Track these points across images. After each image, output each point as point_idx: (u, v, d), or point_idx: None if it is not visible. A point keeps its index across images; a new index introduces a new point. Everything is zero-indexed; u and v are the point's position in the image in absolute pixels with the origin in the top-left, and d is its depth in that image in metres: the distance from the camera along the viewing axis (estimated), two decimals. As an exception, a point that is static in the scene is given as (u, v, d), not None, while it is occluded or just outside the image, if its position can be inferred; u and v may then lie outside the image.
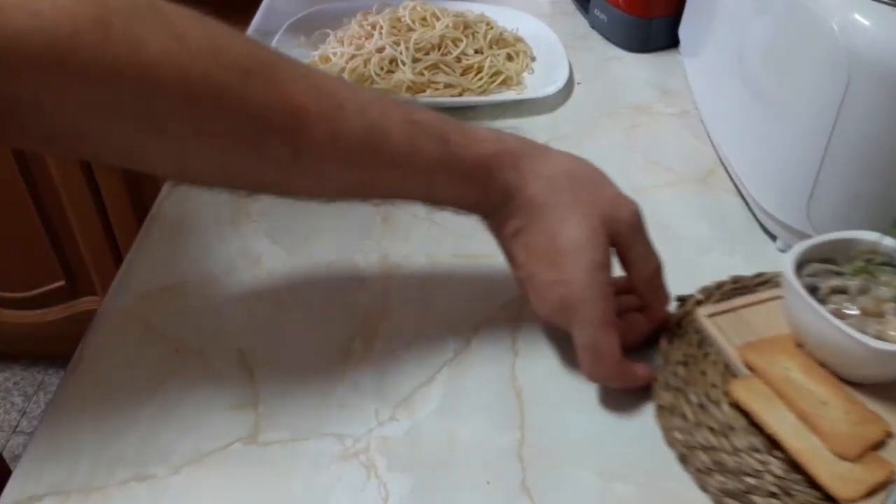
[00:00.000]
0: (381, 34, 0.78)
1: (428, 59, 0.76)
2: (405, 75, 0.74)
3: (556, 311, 0.47)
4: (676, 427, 0.46)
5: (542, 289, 0.47)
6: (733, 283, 0.55)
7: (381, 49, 0.77)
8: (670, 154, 0.71)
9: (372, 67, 0.75)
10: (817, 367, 0.47)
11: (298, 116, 0.41)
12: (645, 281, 0.50)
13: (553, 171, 0.48)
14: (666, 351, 0.51)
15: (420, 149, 0.45)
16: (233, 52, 0.40)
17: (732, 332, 0.50)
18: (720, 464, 0.44)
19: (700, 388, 0.48)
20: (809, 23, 0.52)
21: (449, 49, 0.78)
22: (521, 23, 0.86)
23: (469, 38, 0.79)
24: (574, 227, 0.46)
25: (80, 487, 0.43)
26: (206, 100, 0.39)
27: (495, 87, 0.77)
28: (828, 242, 0.50)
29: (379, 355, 0.52)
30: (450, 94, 0.75)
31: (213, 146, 0.41)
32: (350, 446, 0.46)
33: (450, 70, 0.76)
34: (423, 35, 0.77)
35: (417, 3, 0.82)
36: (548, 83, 0.77)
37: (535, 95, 0.75)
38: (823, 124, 0.52)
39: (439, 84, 0.75)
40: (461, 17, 0.81)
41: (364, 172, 0.45)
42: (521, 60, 0.80)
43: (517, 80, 0.78)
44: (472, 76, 0.77)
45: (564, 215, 0.46)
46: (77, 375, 0.49)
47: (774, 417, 0.44)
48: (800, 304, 0.46)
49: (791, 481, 0.43)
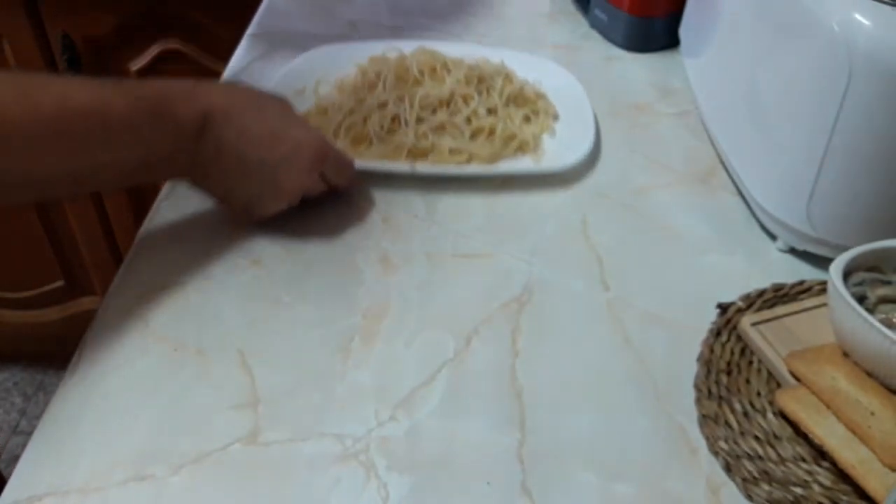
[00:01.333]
0: (385, 86, 0.70)
1: (434, 118, 0.68)
2: (407, 138, 0.66)
3: (296, 165, 0.56)
4: (721, 436, 0.46)
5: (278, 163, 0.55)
6: (774, 291, 0.55)
7: (383, 104, 0.69)
8: (670, 154, 0.71)
9: (371, 126, 0.67)
10: (865, 377, 0.46)
11: None
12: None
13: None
14: (708, 359, 0.51)
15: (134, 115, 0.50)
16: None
17: (776, 341, 0.50)
18: (767, 473, 0.44)
19: (744, 396, 0.48)
20: (810, 23, 0.52)
21: (459, 107, 0.69)
22: (545, 74, 0.76)
23: (484, 93, 0.70)
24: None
25: (80, 487, 0.43)
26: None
27: (509, 152, 0.67)
28: (873, 251, 0.49)
29: (379, 355, 0.52)
30: (455, 161, 0.65)
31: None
32: (350, 446, 0.46)
33: (457, 132, 0.67)
34: (432, 90, 0.69)
35: (429, 51, 0.74)
36: (570, 148, 0.68)
37: (551, 168, 0.66)
38: (824, 124, 0.52)
39: (444, 149, 0.66)
40: (476, 70, 0.72)
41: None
42: (542, 121, 0.71)
43: (534, 145, 0.68)
44: (482, 139, 0.68)
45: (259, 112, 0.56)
46: (77, 375, 0.49)
47: (823, 428, 0.44)
48: (848, 313, 0.45)
49: (840, 492, 0.43)
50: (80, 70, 1.13)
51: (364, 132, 0.67)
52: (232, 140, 0.54)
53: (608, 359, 0.52)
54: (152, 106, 0.51)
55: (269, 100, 0.58)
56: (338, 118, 0.68)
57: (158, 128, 0.51)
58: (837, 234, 0.56)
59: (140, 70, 1.14)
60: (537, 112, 0.72)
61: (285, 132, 0.56)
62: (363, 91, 0.71)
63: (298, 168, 0.56)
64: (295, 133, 0.56)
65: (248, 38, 0.86)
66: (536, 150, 0.68)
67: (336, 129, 0.67)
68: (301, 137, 0.56)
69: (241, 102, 0.55)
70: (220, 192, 0.58)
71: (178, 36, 1.12)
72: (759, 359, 0.50)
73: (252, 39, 0.86)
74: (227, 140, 0.53)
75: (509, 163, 0.67)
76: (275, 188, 0.56)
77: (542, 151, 0.68)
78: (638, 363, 0.52)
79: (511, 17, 0.91)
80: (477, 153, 0.66)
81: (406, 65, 0.72)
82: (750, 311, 0.53)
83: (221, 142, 0.53)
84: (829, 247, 0.57)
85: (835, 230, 0.56)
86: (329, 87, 0.74)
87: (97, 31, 1.11)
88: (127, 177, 0.54)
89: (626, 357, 0.52)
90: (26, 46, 1.11)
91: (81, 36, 1.11)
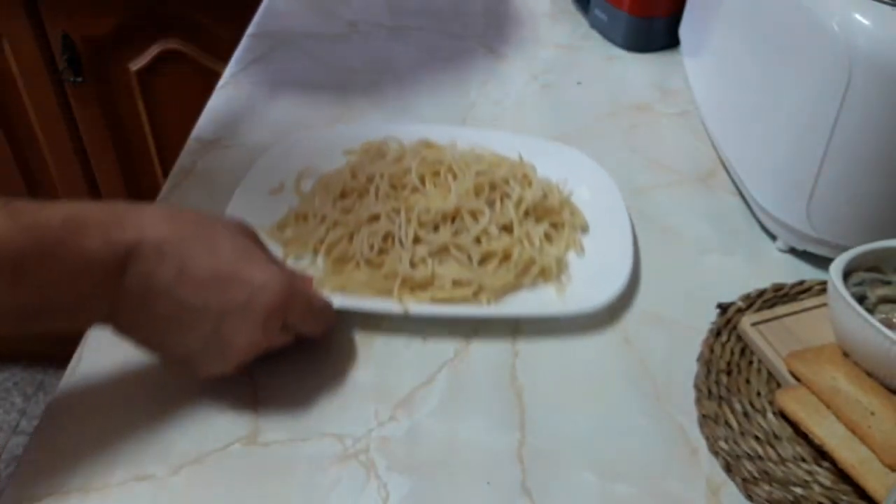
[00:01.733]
0: (378, 194, 0.58)
1: (435, 238, 0.55)
2: (402, 265, 0.53)
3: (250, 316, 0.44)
4: (721, 436, 0.46)
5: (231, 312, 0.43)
6: (774, 291, 0.55)
7: (374, 217, 0.57)
8: (671, 154, 0.71)
9: (359, 247, 0.55)
10: (865, 377, 0.46)
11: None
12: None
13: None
14: (708, 359, 0.51)
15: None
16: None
17: (776, 341, 0.50)
18: (767, 473, 0.44)
19: (744, 396, 0.48)
20: (810, 23, 0.52)
21: (466, 224, 0.56)
22: (572, 168, 0.64)
23: (497, 203, 0.58)
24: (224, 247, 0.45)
25: (80, 487, 0.43)
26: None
27: (527, 281, 0.55)
28: (873, 251, 0.49)
29: (379, 355, 0.52)
30: (461, 295, 0.53)
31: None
32: (350, 446, 0.46)
33: (464, 257, 0.55)
34: (433, 202, 0.57)
35: (433, 146, 0.64)
36: (601, 272, 0.55)
37: (577, 309, 0.53)
38: (824, 124, 0.52)
39: (445, 280, 0.54)
40: (488, 174, 0.59)
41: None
42: (567, 236, 0.58)
43: (558, 271, 0.56)
44: (494, 264, 0.55)
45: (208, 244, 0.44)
46: (77, 375, 0.49)
47: (823, 428, 0.44)
48: (848, 313, 0.46)
49: (840, 492, 0.43)
50: (80, 70, 1.13)
51: (349, 252, 0.55)
52: (167, 281, 0.42)
53: (608, 359, 0.52)
54: (46, 238, 0.39)
55: (224, 230, 0.46)
56: (319, 231, 0.57)
57: (51, 267, 0.39)
58: (837, 234, 0.56)
59: (140, 70, 1.14)
60: (562, 225, 0.59)
61: (239, 272, 0.44)
62: (351, 198, 0.59)
63: (253, 320, 0.44)
64: (252, 273, 0.44)
65: (248, 38, 0.86)
66: (560, 277, 0.56)
67: (316, 244, 0.56)
68: (260, 280, 0.44)
69: (184, 233, 0.43)
70: (153, 345, 0.46)
71: (178, 36, 1.12)
72: (759, 359, 0.51)
73: (252, 39, 0.86)
74: (161, 280, 0.42)
75: (527, 298, 0.55)
76: (221, 344, 0.44)
77: (567, 278, 0.56)
78: (638, 363, 0.52)
79: (511, 17, 0.91)
80: (488, 284, 0.54)
81: (404, 167, 0.60)
82: (750, 311, 0.53)
83: (152, 282, 0.42)
84: (829, 247, 0.57)
85: (835, 230, 0.56)
86: (313, 182, 0.62)
87: (97, 31, 1.11)
88: (28, 323, 0.41)
89: (626, 357, 0.52)
90: (26, 46, 1.11)
91: (81, 36, 1.11)
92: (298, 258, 0.57)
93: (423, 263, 0.54)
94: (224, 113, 0.76)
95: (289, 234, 0.58)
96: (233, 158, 0.68)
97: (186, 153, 0.70)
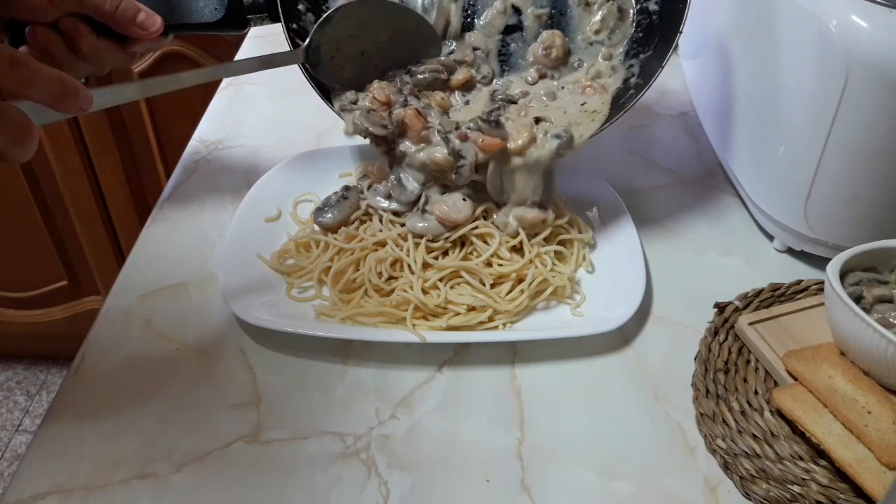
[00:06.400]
0: (382, 219, 0.57)
1: (445, 264, 0.54)
2: (413, 293, 0.52)
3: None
4: (718, 434, 0.47)
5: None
6: (772, 291, 0.56)
7: (380, 245, 0.56)
8: (669, 155, 0.71)
9: (367, 274, 0.54)
10: (861, 376, 0.47)
11: None
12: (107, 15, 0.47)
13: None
14: (706, 358, 0.51)
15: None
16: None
17: (773, 340, 0.51)
18: (764, 471, 0.44)
19: (742, 395, 0.49)
20: (807, 24, 0.52)
21: (476, 247, 0.55)
22: (576, 185, 0.63)
23: None
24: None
25: (83, 485, 0.44)
26: None
27: (540, 300, 0.54)
28: (870, 251, 0.50)
29: (379, 355, 0.52)
30: (477, 321, 0.52)
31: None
32: (351, 445, 0.46)
33: (476, 281, 0.53)
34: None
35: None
36: (613, 289, 0.55)
37: (598, 329, 0.52)
38: (820, 125, 0.52)
39: (460, 307, 0.52)
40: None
41: None
42: (577, 254, 0.57)
43: (571, 291, 0.55)
44: (506, 287, 0.54)
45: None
46: (79, 374, 0.50)
47: (820, 427, 0.44)
48: (845, 313, 0.46)
49: (837, 490, 0.43)
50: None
51: (357, 280, 0.54)
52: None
53: (607, 358, 0.52)
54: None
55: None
56: (323, 260, 0.55)
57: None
58: (834, 235, 0.56)
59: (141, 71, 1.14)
60: (570, 243, 0.58)
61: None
62: (355, 223, 0.58)
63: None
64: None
65: (247, 39, 0.87)
66: (574, 298, 0.55)
67: (321, 274, 0.55)
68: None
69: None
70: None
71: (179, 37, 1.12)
72: (757, 358, 0.51)
73: (252, 39, 0.86)
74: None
75: (541, 320, 0.54)
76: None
77: (580, 297, 0.55)
78: (636, 362, 0.52)
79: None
80: (503, 309, 0.52)
81: None
82: (747, 311, 0.54)
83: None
84: (826, 247, 0.57)
85: (831, 230, 0.56)
86: (312, 208, 0.60)
87: (99, 31, 1.11)
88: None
89: (624, 356, 0.52)
90: (28, 47, 1.11)
91: (84, 37, 1.11)
92: (302, 289, 0.55)
93: (435, 289, 0.53)
94: (226, 114, 0.76)
95: (291, 264, 0.57)
96: (235, 158, 0.69)
97: (189, 153, 0.70)
